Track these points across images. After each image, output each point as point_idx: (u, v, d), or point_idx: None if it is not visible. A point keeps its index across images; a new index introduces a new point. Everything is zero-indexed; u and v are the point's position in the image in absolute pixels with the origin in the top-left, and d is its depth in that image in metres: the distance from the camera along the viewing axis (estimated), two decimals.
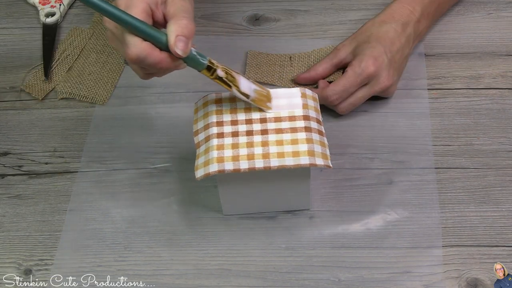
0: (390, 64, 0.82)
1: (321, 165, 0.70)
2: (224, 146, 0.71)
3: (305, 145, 0.70)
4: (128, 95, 0.91)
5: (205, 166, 0.70)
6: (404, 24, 0.85)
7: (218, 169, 0.69)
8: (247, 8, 1.00)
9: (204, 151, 0.71)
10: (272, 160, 0.70)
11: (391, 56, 0.82)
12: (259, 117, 0.73)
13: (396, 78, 0.84)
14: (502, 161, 0.81)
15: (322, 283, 0.73)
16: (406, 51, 0.85)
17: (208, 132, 0.72)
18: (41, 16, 1.00)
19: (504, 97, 0.87)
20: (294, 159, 0.70)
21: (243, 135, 0.72)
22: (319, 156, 0.70)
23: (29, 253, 0.77)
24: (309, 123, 0.72)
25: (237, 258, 0.75)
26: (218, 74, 0.70)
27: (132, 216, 0.79)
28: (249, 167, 0.69)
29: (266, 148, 0.70)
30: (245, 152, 0.70)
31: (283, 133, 0.72)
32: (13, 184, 0.83)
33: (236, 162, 0.70)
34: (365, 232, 0.76)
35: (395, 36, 0.84)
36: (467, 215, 0.77)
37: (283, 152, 0.70)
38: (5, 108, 0.91)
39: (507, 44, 0.93)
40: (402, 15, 0.85)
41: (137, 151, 0.85)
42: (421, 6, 0.87)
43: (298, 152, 0.70)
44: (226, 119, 0.73)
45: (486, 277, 0.72)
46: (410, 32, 0.85)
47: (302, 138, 0.71)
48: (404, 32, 0.84)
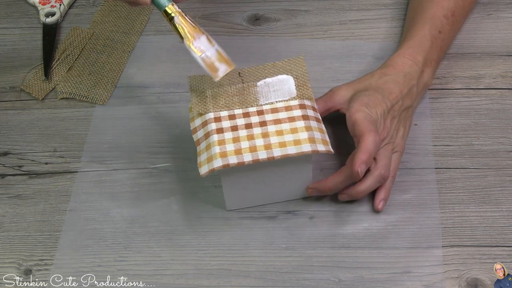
0: (389, 114, 0.78)
1: (323, 151, 0.71)
2: (225, 141, 0.71)
3: (305, 133, 0.71)
4: (128, 95, 0.91)
5: (208, 162, 0.70)
6: (405, 75, 0.80)
7: (222, 164, 0.70)
8: (247, 8, 1.00)
9: (205, 148, 0.72)
10: (275, 150, 0.71)
11: (390, 105, 0.78)
12: (256, 110, 0.74)
13: (398, 129, 0.79)
14: (502, 161, 0.81)
15: (322, 283, 0.73)
16: (407, 102, 0.80)
17: (206, 128, 0.73)
18: (41, 16, 1.00)
19: (504, 97, 0.87)
20: (296, 147, 0.71)
21: (243, 129, 0.72)
22: (320, 143, 0.71)
23: (29, 253, 0.77)
24: (306, 112, 0.74)
25: (237, 258, 0.75)
26: (175, 21, 0.74)
27: (132, 216, 0.79)
28: (253, 159, 0.70)
29: (267, 139, 0.71)
30: (247, 145, 0.71)
31: (281, 123, 0.73)
32: (13, 184, 0.83)
33: (239, 156, 0.70)
34: (365, 232, 0.76)
35: (395, 86, 0.79)
36: (467, 215, 0.77)
37: (285, 142, 0.71)
38: (5, 108, 0.91)
39: (507, 44, 0.93)
40: (404, 67, 0.81)
41: (137, 151, 0.85)
42: (423, 55, 0.82)
43: (299, 140, 0.71)
44: (223, 114, 0.74)
45: (486, 277, 0.72)
46: (413, 83, 0.81)
47: (301, 126, 0.72)
48: (405, 83, 0.80)
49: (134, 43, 0.97)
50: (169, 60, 0.94)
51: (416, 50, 0.83)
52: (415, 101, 0.82)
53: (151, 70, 0.94)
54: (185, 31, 0.74)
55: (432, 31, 0.85)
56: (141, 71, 0.94)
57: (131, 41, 0.97)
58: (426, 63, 0.83)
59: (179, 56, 0.94)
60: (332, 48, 0.94)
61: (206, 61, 0.74)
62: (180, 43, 0.75)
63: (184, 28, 0.74)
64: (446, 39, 0.87)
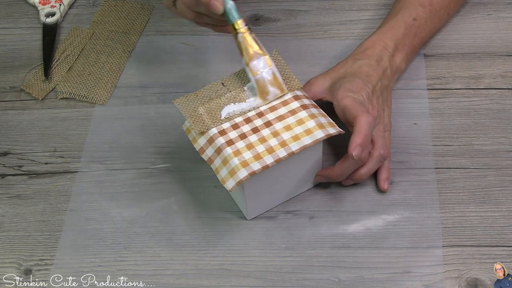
0: (373, 94, 0.80)
1: (335, 132, 0.72)
2: (239, 150, 0.71)
3: (311, 121, 0.73)
4: (128, 95, 0.91)
5: (232, 175, 0.70)
6: (378, 59, 0.83)
7: (248, 172, 0.69)
8: (247, 8, 1.00)
9: (222, 163, 0.71)
10: (292, 145, 0.71)
11: (371, 87, 0.80)
12: (255, 113, 0.74)
13: (384, 109, 0.81)
14: (502, 161, 0.81)
15: (322, 283, 0.73)
16: (385, 82, 0.82)
17: (215, 144, 0.72)
18: (41, 16, 1.00)
19: (504, 97, 0.87)
20: (309, 136, 0.72)
21: (251, 134, 0.72)
22: (328, 126, 0.73)
23: (29, 253, 0.77)
24: (302, 101, 0.75)
25: (237, 258, 0.75)
26: (238, 37, 0.75)
27: (132, 216, 0.79)
28: (274, 160, 0.70)
29: (279, 137, 0.72)
30: (263, 148, 0.71)
31: (285, 118, 0.73)
32: (13, 184, 0.83)
33: (260, 160, 0.70)
34: (365, 232, 0.76)
35: (370, 69, 0.81)
36: (467, 215, 0.77)
37: (297, 135, 0.72)
38: (5, 108, 0.91)
39: (507, 44, 0.93)
40: (375, 51, 0.83)
41: (137, 151, 0.85)
42: (394, 40, 0.84)
43: (309, 130, 0.72)
44: (225, 126, 0.73)
45: (486, 277, 0.72)
46: (385, 65, 0.83)
47: (305, 116, 0.73)
48: (379, 65, 0.82)
49: (134, 43, 0.97)
50: (169, 60, 0.94)
51: (386, 36, 0.85)
52: (391, 82, 0.84)
53: (151, 70, 0.94)
54: (246, 49, 0.75)
55: (405, 18, 0.87)
56: (141, 71, 0.94)
57: (131, 41, 0.97)
58: (398, 47, 0.85)
59: (179, 56, 0.94)
60: (332, 48, 0.94)
61: (259, 82, 0.75)
62: (239, 58, 0.76)
63: (245, 46, 0.75)
64: (423, 26, 0.88)
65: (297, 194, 0.79)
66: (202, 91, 0.77)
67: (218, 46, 0.95)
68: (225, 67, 0.90)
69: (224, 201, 0.79)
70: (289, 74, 0.77)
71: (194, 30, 0.96)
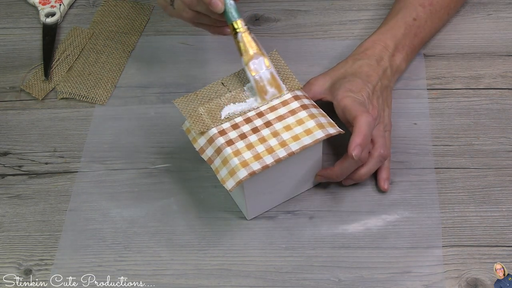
0: (373, 94, 0.80)
1: (334, 132, 0.72)
2: (239, 150, 0.71)
3: (311, 121, 0.73)
4: (128, 95, 0.91)
5: (232, 175, 0.70)
6: (378, 59, 0.83)
7: (248, 172, 0.69)
8: (247, 8, 1.00)
9: (222, 163, 0.71)
10: (292, 145, 0.71)
11: (372, 87, 0.80)
12: (255, 113, 0.74)
13: (384, 108, 0.81)
14: (502, 161, 0.81)
15: (322, 283, 0.73)
16: (385, 82, 0.82)
17: (215, 144, 0.72)
18: (41, 16, 1.00)
19: (504, 97, 0.87)
20: (309, 136, 0.72)
21: (251, 134, 0.72)
22: (328, 126, 0.73)
23: (29, 253, 0.77)
24: (302, 101, 0.75)
25: (237, 258, 0.75)
26: (238, 37, 0.76)
27: (132, 216, 0.79)
28: (274, 160, 0.70)
29: (279, 137, 0.72)
30: (263, 148, 0.71)
31: (285, 118, 0.73)
32: (13, 184, 0.83)
33: (260, 160, 0.70)
34: (365, 232, 0.76)
35: (370, 69, 0.82)
36: (467, 215, 0.77)
37: (297, 135, 0.72)
38: (5, 108, 0.91)
39: (507, 44, 0.93)
40: (375, 52, 0.83)
41: (137, 151, 0.85)
42: (394, 41, 0.85)
43: (309, 130, 0.72)
44: (225, 126, 0.73)
45: (486, 277, 0.72)
46: (386, 65, 0.83)
47: (305, 116, 0.73)
48: (379, 65, 0.82)
49: (134, 43, 0.97)
50: (169, 60, 0.94)
51: (386, 36, 0.85)
52: (391, 82, 0.84)
53: (151, 70, 0.94)
54: (245, 49, 0.76)
55: (406, 18, 0.87)
56: (141, 71, 0.94)
57: (131, 41, 0.97)
58: (398, 47, 0.85)
59: (179, 56, 0.94)
60: (332, 48, 0.94)
61: (258, 82, 0.75)
62: (239, 57, 0.76)
63: (245, 46, 0.76)
64: (423, 26, 0.88)
65: (297, 194, 0.79)
66: (202, 91, 0.77)
67: (218, 46, 0.95)
68: (225, 67, 0.90)
69: (224, 201, 0.79)
70: (289, 74, 0.77)
71: (194, 30, 0.95)
